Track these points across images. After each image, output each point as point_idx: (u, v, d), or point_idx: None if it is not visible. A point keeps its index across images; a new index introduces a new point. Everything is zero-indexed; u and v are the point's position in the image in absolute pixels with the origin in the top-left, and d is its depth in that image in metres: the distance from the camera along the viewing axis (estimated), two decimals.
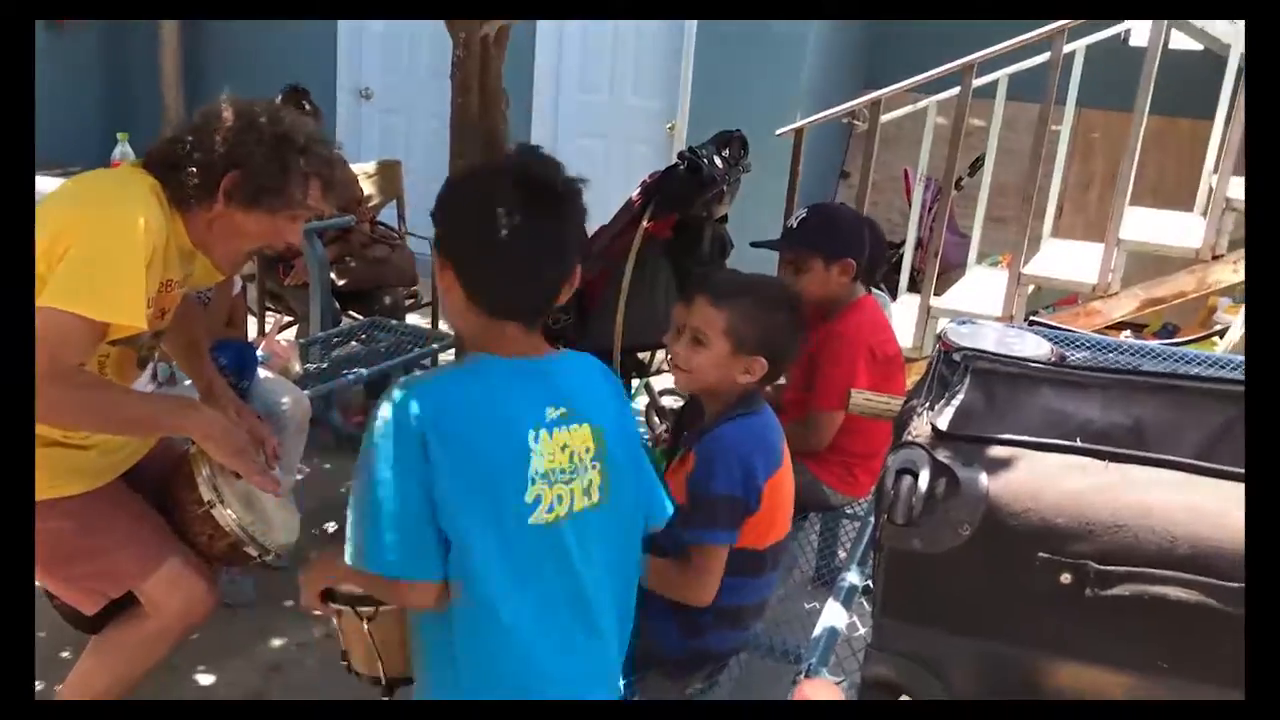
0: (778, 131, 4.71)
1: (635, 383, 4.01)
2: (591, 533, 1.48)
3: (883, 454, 2.65)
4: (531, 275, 1.44)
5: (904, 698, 1.13)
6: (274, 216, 1.92)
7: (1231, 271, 4.05)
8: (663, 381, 4.24)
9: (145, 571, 1.95)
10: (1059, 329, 2.95)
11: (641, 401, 4.24)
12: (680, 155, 3.54)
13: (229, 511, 1.94)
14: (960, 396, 1.42)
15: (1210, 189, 4.72)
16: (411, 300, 4.49)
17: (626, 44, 6.34)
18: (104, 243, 1.75)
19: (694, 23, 5.98)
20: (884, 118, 4.69)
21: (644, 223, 3.56)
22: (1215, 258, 4.02)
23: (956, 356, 1.78)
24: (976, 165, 6.07)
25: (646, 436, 4.09)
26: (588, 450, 1.47)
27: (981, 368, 1.68)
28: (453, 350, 3.84)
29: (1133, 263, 4.43)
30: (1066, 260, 4.73)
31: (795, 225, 2.56)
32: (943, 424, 1.23)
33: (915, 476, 1.11)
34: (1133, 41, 5.60)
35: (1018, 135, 5.96)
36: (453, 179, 1.48)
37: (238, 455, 1.90)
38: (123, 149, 3.66)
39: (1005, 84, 4.90)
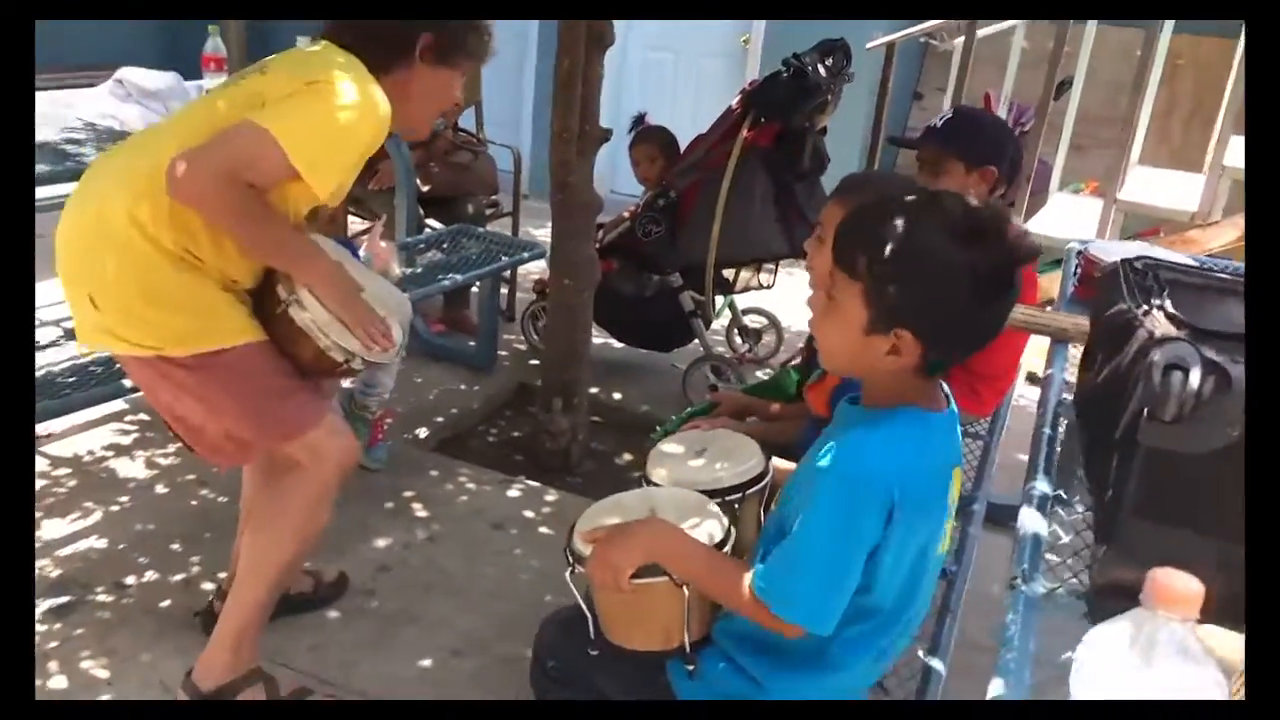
0: (868, 45, 4.57)
1: (720, 300, 3.94)
2: None
3: (1009, 375, 2.61)
4: (985, 342, 1.44)
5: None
6: (455, 73, 2.04)
7: None
8: (746, 300, 4.18)
9: (319, 415, 2.00)
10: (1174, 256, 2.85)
11: (726, 319, 4.19)
12: (785, 62, 3.43)
13: (305, 313, 1.90)
14: (1169, 302, 1.35)
15: None
16: (492, 209, 4.42)
17: None
18: (352, 115, 1.83)
19: None
20: (956, 40, 4.56)
21: (744, 131, 3.47)
22: None
23: (1139, 265, 1.72)
24: (1063, 88, 5.89)
25: (728, 354, 4.05)
26: (958, 494, 1.51)
27: (1168, 278, 1.62)
28: (542, 259, 3.77)
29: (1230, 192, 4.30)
30: (1160, 187, 4.60)
31: (940, 125, 2.45)
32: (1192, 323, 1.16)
33: (1185, 373, 1.05)
34: None
35: (1100, 61, 5.78)
36: (920, 244, 1.33)
37: (345, 305, 1.94)
38: (215, 42, 3.56)
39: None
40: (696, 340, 3.81)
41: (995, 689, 1.06)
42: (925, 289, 1.33)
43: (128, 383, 2.41)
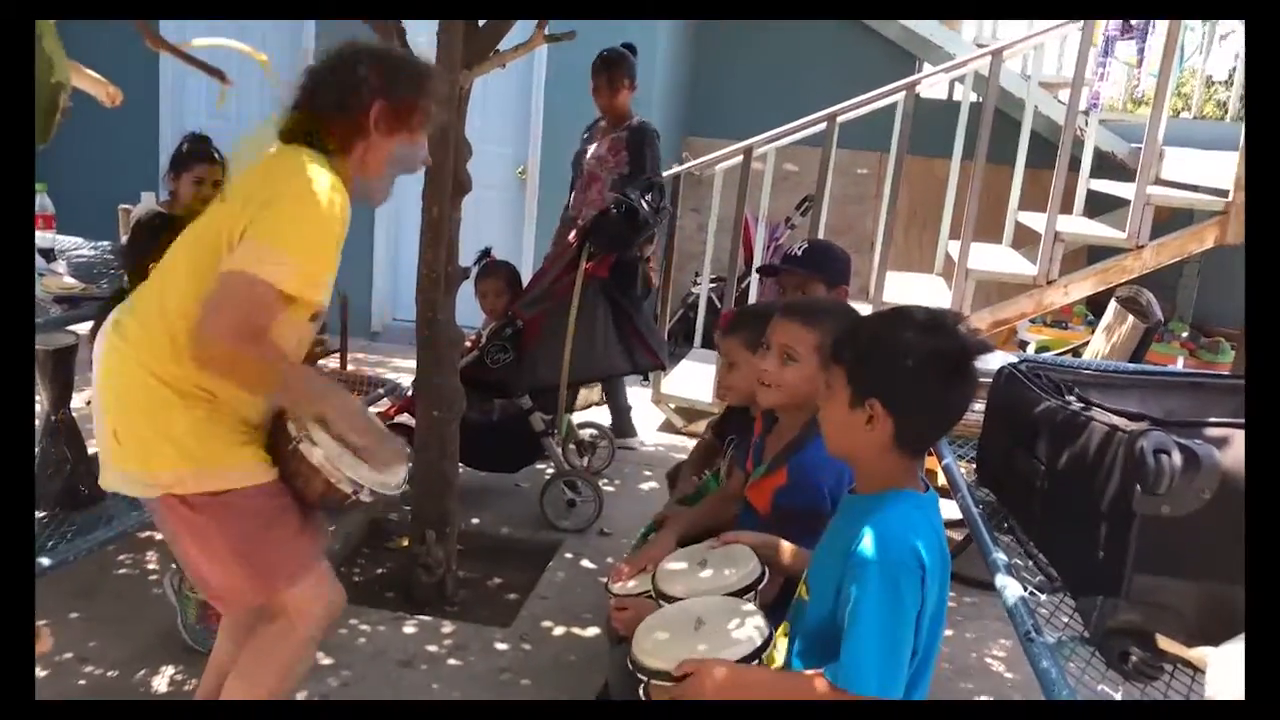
0: (665, 174, 5.00)
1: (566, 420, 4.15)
2: None
3: None
4: (952, 423, 1.69)
5: (1159, 638, 1.40)
6: (415, 135, 2.06)
7: (1062, 295, 4.69)
8: (579, 415, 4.41)
9: (310, 566, 2.02)
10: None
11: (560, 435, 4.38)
12: (615, 201, 3.76)
13: (317, 449, 1.96)
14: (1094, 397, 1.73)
15: (1015, 223, 5.44)
16: (320, 347, 4.41)
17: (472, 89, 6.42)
18: (314, 216, 1.88)
19: (543, 65, 6.16)
20: (719, 166, 5.22)
21: (583, 264, 3.74)
22: (1049, 283, 4.64)
23: (1023, 368, 2.11)
24: (803, 204, 6.61)
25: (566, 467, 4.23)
26: None
27: (1059, 379, 2.01)
28: (404, 396, 3.83)
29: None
30: (906, 289, 5.26)
31: (800, 254, 2.82)
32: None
33: (1169, 455, 1.39)
34: (924, 94, 6.26)
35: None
36: (889, 332, 1.65)
37: (366, 432, 2.00)
38: (42, 200, 3.40)
39: (838, 131, 5.39)
40: (549, 458, 3.99)
41: None
42: (890, 364, 1.63)
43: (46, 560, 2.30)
